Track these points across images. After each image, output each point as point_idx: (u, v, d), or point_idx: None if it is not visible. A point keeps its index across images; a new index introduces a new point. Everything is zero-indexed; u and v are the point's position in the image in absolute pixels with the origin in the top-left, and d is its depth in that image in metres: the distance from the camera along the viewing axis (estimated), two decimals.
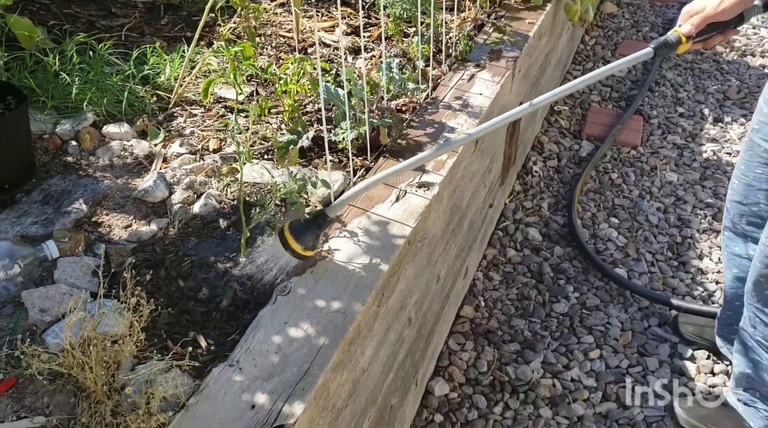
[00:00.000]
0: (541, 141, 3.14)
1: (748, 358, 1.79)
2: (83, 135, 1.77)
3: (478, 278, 2.40)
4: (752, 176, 1.66)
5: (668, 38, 1.49)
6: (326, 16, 2.57)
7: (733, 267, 1.83)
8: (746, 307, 1.73)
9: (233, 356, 1.17)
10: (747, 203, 1.71)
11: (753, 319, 1.72)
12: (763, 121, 1.59)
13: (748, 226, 1.74)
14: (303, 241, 1.30)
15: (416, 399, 1.93)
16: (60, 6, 2.43)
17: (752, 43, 4.06)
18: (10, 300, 1.29)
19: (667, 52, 1.51)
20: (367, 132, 1.68)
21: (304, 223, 1.34)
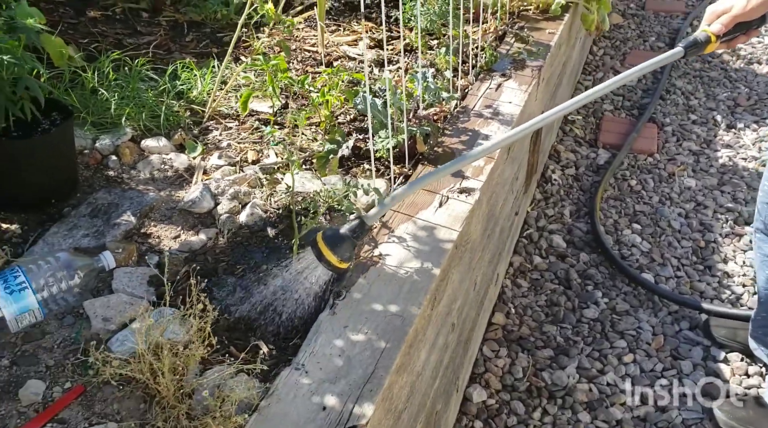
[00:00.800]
0: (557, 150, 3.17)
1: None
2: (123, 149, 1.79)
3: (507, 285, 2.42)
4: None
5: (697, 38, 1.52)
6: (348, 30, 2.60)
7: (766, 268, 1.85)
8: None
9: (298, 359, 1.18)
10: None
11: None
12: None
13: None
14: (339, 252, 1.23)
15: (456, 406, 1.93)
16: (87, 25, 2.47)
17: (757, 51, 4.11)
18: (69, 311, 1.30)
19: (697, 52, 1.54)
20: (405, 140, 1.70)
21: (341, 232, 1.26)
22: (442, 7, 2.27)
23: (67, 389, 1.15)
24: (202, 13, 2.68)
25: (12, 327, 1.21)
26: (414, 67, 2.01)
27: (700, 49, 1.53)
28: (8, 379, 1.17)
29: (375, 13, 2.68)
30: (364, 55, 1.62)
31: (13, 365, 1.19)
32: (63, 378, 1.17)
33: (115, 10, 2.67)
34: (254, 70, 2.04)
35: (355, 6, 2.73)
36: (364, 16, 2.69)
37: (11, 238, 1.49)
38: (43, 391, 1.14)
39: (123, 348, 1.19)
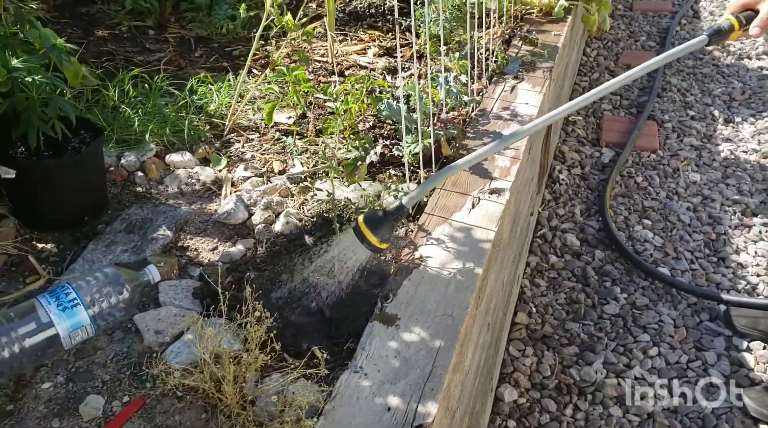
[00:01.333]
0: (562, 151, 3.20)
1: None
2: (149, 165, 1.79)
3: (525, 285, 2.44)
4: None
5: (721, 26, 1.53)
6: (355, 39, 2.63)
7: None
8: None
9: (356, 363, 1.19)
10: None
11: None
12: None
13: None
14: (379, 233, 1.29)
15: (490, 406, 1.94)
16: (96, 44, 2.47)
17: (746, 47, 4.19)
18: (117, 326, 1.30)
19: (720, 40, 1.54)
20: (432, 144, 1.72)
21: (380, 215, 1.32)
22: (453, 13, 2.30)
23: (126, 403, 1.15)
24: (208, 29, 2.70)
25: (65, 343, 1.21)
26: (426, 74, 2.03)
27: (724, 38, 1.53)
28: (66, 395, 1.16)
29: (380, 21, 2.70)
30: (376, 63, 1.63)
31: (69, 381, 1.19)
32: (120, 392, 1.17)
33: (122, 29, 2.67)
34: (276, 81, 2.05)
35: (359, 16, 2.75)
36: (369, 25, 2.72)
37: (48, 257, 1.49)
38: (103, 406, 1.14)
39: (179, 359, 1.19)
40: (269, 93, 2.06)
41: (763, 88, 3.68)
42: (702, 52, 4.10)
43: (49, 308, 1.19)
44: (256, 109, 2.08)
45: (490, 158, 1.76)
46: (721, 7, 4.62)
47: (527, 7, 2.67)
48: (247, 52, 2.54)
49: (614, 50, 4.21)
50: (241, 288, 1.36)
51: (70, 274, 1.42)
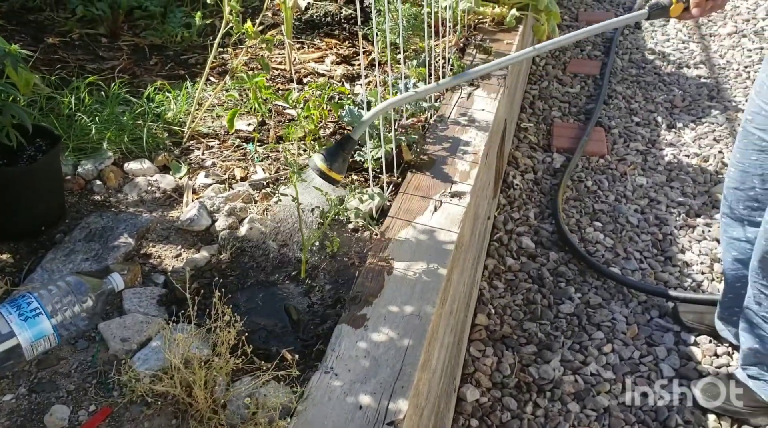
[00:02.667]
0: (515, 156, 3.28)
1: (753, 334, 1.93)
2: (107, 173, 1.77)
3: (484, 287, 2.49)
4: (747, 163, 1.82)
5: (660, 1, 1.55)
6: (312, 47, 2.64)
7: (732, 250, 1.98)
8: (750, 285, 1.88)
9: (326, 364, 1.20)
10: (743, 188, 1.86)
11: (758, 296, 1.86)
12: (755, 111, 1.75)
13: (744, 210, 1.90)
14: (333, 165, 1.41)
15: (453, 406, 1.97)
16: (47, 52, 2.42)
17: (685, 56, 4.38)
18: (80, 335, 1.28)
19: (660, 15, 1.56)
20: (393, 149, 1.75)
21: (332, 148, 1.44)
22: (410, 21, 2.34)
23: (93, 412, 1.14)
24: (162, 37, 2.67)
25: (27, 354, 1.18)
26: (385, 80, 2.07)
27: (664, 13, 1.55)
28: (29, 407, 1.14)
29: (337, 30, 2.73)
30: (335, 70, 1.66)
31: (32, 392, 1.16)
32: (86, 402, 1.15)
33: (73, 37, 2.62)
34: (235, 88, 2.05)
35: (315, 24, 2.77)
36: (325, 33, 2.74)
37: (5, 267, 1.45)
38: (69, 416, 1.12)
39: (147, 365, 1.18)
40: (229, 100, 2.06)
41: (701, 95, 3.86)
42: (644, 61, 4.26)
43: (9, 318, 1.17)
44: (215, 116, 2.07)
45: (450, 162, 1.80)
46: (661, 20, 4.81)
47: (480, 17, 2.74)
48: (203, 60, 2.53)
49: (562, 59, 4.34)
50: (208, 294, 1.36)
51: (29, 284, 1.38)
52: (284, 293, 1.41)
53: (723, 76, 3.99)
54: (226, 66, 2.46)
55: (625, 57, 4.29)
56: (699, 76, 4.11)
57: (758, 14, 4.63)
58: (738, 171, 1.86)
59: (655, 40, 4.50)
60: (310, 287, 1.43)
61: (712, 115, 3.62)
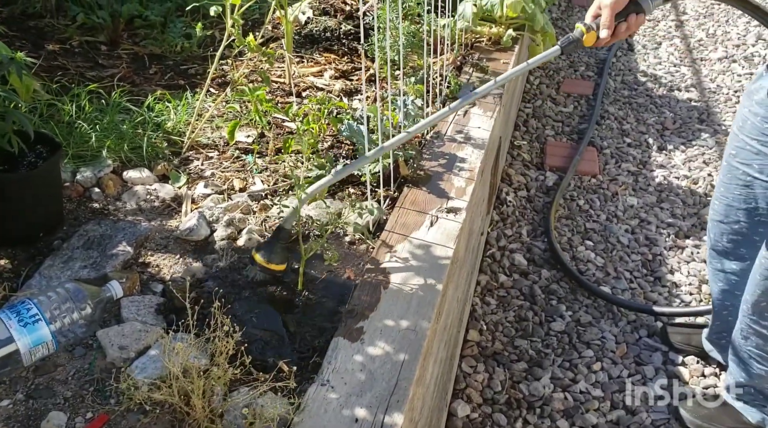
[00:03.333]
0: (508, 173, 3.32)
1: (741, 368, 1.95)
2: (106, 181, 1.78)
3: (476, 303, 2.51)
4: (731, 197, 1.83)
5: (571, 36, 1.58)
6: (312, 61, 2.67)
7: (718, 281, 2.00)
8: (740, 318, 1.89)
9: (322, 376, 1.21)
10: (728, 221, 1.87)
11: (746, 330, 1.87)
12: (739, 146, 1.76)
13: (728, 243, 1.91)
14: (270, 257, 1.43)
15: (444, 421, 1.98)
16: (47, 59, 2.43)
17: (676, 79, 4.45)
18: (78, 342, 1.28)
19: (574, 49, 1.59)
20: (390, 164, 1.77)
21: (268, 241, 1.48)
22: (409, 39, 2.38)
23: (90, 419, 1.14)
24: (162, 46, 2.69)
25: (26, 359, 1.19)
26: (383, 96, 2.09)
27: (578, 46, 1.57)
28: (26, 413, 1.14)
29: (336, 45, 2.76)
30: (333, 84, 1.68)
31: (29, 398, 1.17)
32: (83, 409, 1.16)
33: (72, 44, 2.64)
34: (236, 100, 2.07)
35: (315, 39, 2.80)
36: (324, 48, 2.77)
37: (2, 273, 1.46)
38: (66, 422, 1.13)
39: (145, 374, 1.18)
40: (229, 111, 2.08)
41: (692, 118, 3.92)
42: (636, 83, 4.33)
43: (9, 323, 1.17)
44: (215, 127, 2.09)
45: (446, 178, 1.83)
46: (653, 41, 4.90)
47: (478, 36, 2.78)
48: (203, 71, 2.55)
49: (555, 79, 4.39)
50: (206, 304, 1.37)
51: (27, 290, 1.39)
52: (282, 304, 1.42)
53: (713, 100, 4.06)
54: (225, 77, 2.48)
55: (618, 78, 4.36)
56: (690, 99, 4.17)
57: (748, 40, 4.71)
58: (722, 205, 1.87)
59: (647, 63, 4.57)
60: (307, 299, 1.44)
61: (702, 138, 3.67)
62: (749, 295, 1.81)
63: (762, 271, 1.73)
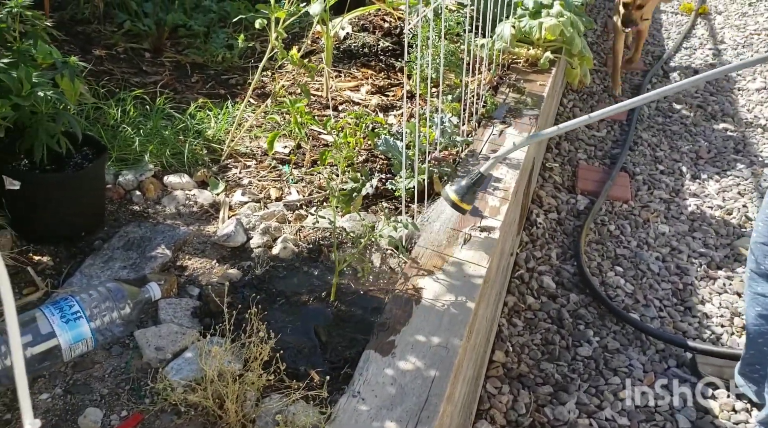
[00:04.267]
0: (539, 195, 3.31)
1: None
2: (147, 185, 1.81)
3: (503, 323, 2.49)
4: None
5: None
6: (349, 76, 2.71)
7: (757, 306, 1.98)
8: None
9: (354, 387, 1.22)
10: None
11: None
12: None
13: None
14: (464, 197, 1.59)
15: None
16: (95, 64, 2.50)
17: (712, 108, 4.41)
18: (115, 341, 1.31)
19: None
20: (425, 180, 1.79)
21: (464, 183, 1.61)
22: (447, 58, 2.40)
23: (124, 417, 1.16)
24: (204, 56, 2.75)
25: (66, 355, 1.21)
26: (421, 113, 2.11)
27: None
28: (64, 407, 1.17)
29: (373, 61, 2.79)
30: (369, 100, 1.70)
31: (67, 393, 1.19)
32: (119, 407, 1.18)
33: (118, 50, 2.71)
34: (278, 111, 2.10)
35: (353, 54, 2.84)
36: (362, 63, 2.80)
37: (44, 270, 1.50)
38: (101, 419, 1.15)
39: (180, 375, 1.20)
40: (268, 122, 2.12)
41: (727, 148, 3.87)
42: (671, 110, 4.30)
43: (52, 319, 1.20)
44: (253, 137, 2.13)
45: (480, 197, 1.84)
46: (689, 69, 4.86)
47: (515, 57, 2.80)
48: (243, 81, 2.60)
49: (589, 103, 4.38)
50: (241, 310, 1.39)
51: (67, 288, 1.42)
52: (314, 314, 1.43)
53: (750, 131, 4.01)
54: (265, 89, 2.53)
55: (652, 105, 4.32)
56: (725, 128, 4.13)
57: None
58: (766, 226, 1.86)
59: (683, 91, 4.53)
60: (339, 309, 1.45)
61: (738, 168, 3.63)
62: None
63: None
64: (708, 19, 5.82)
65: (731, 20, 5.77)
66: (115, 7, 2.92)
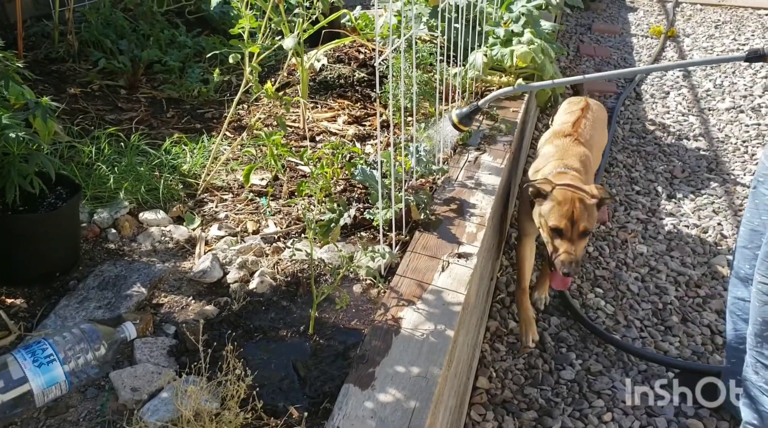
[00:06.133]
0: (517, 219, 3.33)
1: (752, 408, 1.92)
2: (122, 223, 1.80)
3: (485, 349, 2.49)
4: (757, 222, 1.86)
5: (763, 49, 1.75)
6: (325, 107, 2.73)
7: (737, 310, 1.99)
8: (748, 353, 1.88)
9: (333, 422, 1.21)
10: (751, 247, 1.89)
11: (755, 365, 1.86)
12: (765, 173, 1.80)
13: (749, 269, 1.91)
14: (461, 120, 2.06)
15: None
16: (69, 102, 2.49)
17: (684, 128, 4.49)
18: (90, 383, 1.29)
19: (758, 61, 1.76)
20: (402, 209, 1.80)
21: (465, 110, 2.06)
22: (421, 87, 2.43)
23: None
24: (180, 91, 2.75)
25: (38, 401, 1.19)
26: (396, 142, 2.14)
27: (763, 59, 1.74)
28: None
29: (349, 91, 2.82)
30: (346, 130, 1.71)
31: None
32: None
33: (93, 88, 2.71)
34: (252, 144, 2.11)
35: (329, 85, 2.86)
36: (338, 94, 2.83)
37: (18, 312, 1.47)
38: None
39: (157, 416, 1.18)
40: (244, 155, 2.12)
41: (700, 167, 3.94)
42: (645, 131, 4.38)
43: (24, 364, 1.18)
44: (230, 170, 2.13)
45: (457, 224, 1.85)
46: (660, 90, 4.96)
47: (487, 85, 2.84)
48: (219, 115, 2.61)
49: None
50: (218, 347, 1.38)
51: (41, 330, 1.40)
52: (292, 348, 1.42)
53: (722, 150, 4.09)
54: (241, 122, 2.54)
55: (626, 127, 4.40)
56: (698, 148, 4.21)
57: (755, 91, 4.77)
58: (747, 230, 1.89)
59: (655, 112, 4.63)
60: (317, 343, 1.45)
61: (711, 187, 3.69)
62: (752, 326, 1.80)
63: (760, 297, 1.73)
64: (677, 42, 5.97)
65: (699, 42, 5.93)
66: (90, 45, 2.93)
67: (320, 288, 1.50)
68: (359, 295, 1.59)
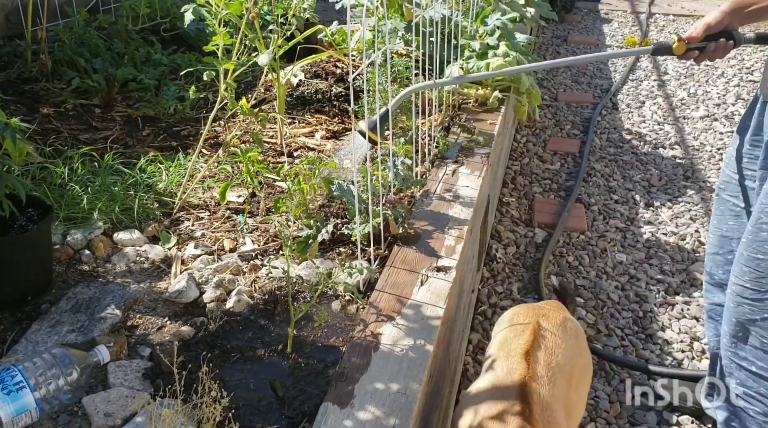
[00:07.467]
0: (498, 230, 3.34)
1: (728, 411, 1.93)
2: (96, 243, 1.78)
3: (468, 362, 2.48)
4: (725, 228, 1.88)
5: (666, 42, 1.74)
6: (303, 122, 2.72)
7: (715, 316, 2.01)
8: (723, 354, 1.89)
9: None
10: (722, 252, 1.91)
11: (729, 366, 1.87)
12: (726, 181, 1.86)
13: (723, 275, 1.93)
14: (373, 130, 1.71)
15: None
16: (41, 122, 2.46)
17: (660, 137, 4.55)
18: (63, 409, 1.26)
19: (664, 53, 1.73)
20: (381, 223, 1.79)
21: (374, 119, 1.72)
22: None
23: None
24: (156, 109, 2.73)
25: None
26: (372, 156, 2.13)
27: (668, 51, 1.71)
28: None
29: (327, 106, 2.82)
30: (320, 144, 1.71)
31: None
32: None
33: (67, 107, 2.68)
34: (228, 161, 2.10)
35: (306, 100, 2.86)
36: (316, 109, 2.82)
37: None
38: None
39: None
40: (221, 172, 2.10)
41: (677, 175, 3.99)
42: (621, 141, 4.42)
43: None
44: (206, 187, 2.11)
45: (436, 237, 1.84)
46: (636, 100, 5.03)
47: (465, 98, 2.85)
48: (195, 132, 2.59)
49: (542, 137, 4.48)
50: (194, 368, 1.36)
51: (12, 356, 1.37)
52: (270, 368, 1.41)
53: (697, 157, 4.14)
54: (218, 138, 2.52)
55: (604, 136, 4.45)
56: (674, 156, 4.26)
57: (728, 99, 4.85)
58: (716, 237, 1.91)
59: (631, 121, 4.68)
60: (296, 362, 1.43)
61: (688, 194, 3.73)
62: (727, 326, 1.81)
63: (734, 298, 1.74)
64: None
65: None
66: (64, 65, 2.91)
67: (298, 306, 1.49)
68: (338, 311, 1.58)
